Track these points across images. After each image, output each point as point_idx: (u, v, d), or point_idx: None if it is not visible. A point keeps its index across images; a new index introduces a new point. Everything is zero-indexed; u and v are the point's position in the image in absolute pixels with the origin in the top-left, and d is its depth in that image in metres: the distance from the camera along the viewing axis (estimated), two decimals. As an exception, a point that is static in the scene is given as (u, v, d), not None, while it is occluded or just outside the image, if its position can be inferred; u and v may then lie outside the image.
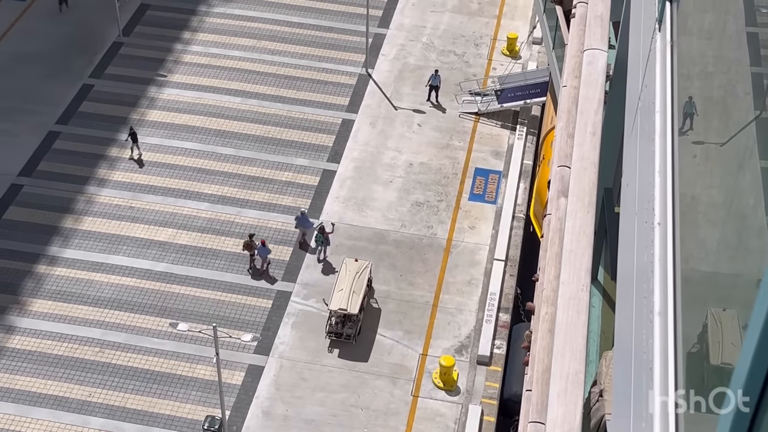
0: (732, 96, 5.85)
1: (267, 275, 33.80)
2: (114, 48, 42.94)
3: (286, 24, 44.90)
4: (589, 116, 13.31)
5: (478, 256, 34.99)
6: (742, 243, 4.90)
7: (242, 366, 31.18)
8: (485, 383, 31.13)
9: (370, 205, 36.60)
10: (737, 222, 5.08)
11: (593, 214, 11.79)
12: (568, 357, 10.11)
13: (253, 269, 33.89)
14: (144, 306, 32.77)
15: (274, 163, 38.22)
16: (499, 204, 36.92)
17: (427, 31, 44.85)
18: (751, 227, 4.76)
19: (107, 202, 36.25)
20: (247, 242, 33.53)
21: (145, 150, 38.28)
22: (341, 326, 31.71)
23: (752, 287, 4.46)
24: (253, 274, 33.82)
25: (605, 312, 15.21)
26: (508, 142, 39.72)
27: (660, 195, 5.87)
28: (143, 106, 40.27)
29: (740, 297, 4.71)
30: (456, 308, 33.20)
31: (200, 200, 36.50)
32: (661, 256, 5.30)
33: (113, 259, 34.21)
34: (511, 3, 46.75)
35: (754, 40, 5.48)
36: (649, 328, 5.06)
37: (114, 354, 31.33)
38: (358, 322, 31.87)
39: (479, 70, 42.85)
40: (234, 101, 40.82)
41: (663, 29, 7.28)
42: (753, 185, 4.84)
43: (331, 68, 42.75)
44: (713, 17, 6.85)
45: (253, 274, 33.82)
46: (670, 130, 6.19)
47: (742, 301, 4.63)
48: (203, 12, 45.19)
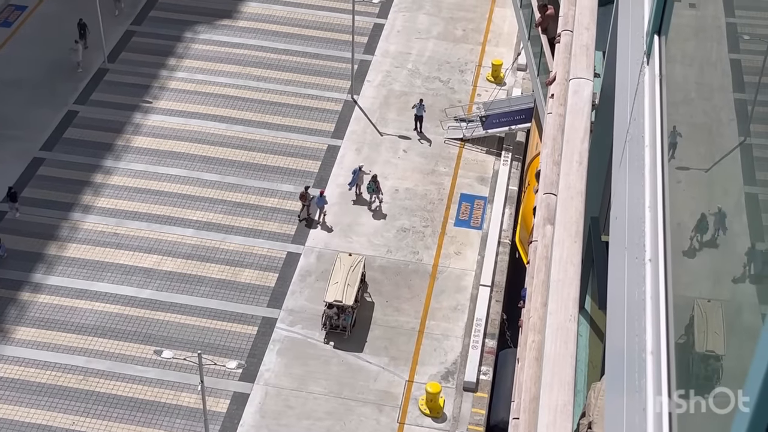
0: (716, 122, 5.87)
1: (324, 225, 36.11)
2: (99, 74, 42.89)
3: (271, 50, 44.98)
4: (576, 145, 13.34)
5: (464, 282, 34.96)
6: (731, 270, 4.89)
7: (227, 393, 30.98)
8: (472, 410, 31.02)
9: (355, 231, 36.56)
10: (725, 249, 5.07)
11: (580, 244, 11.79)
12: (556, 389, 10.07)
13: (307, 219, 36.13)
14: (128, 333, 32.55)
15: (260, 189, 38.17)
16: (485, 230, 36.95)
17: (412, 58, 45.02)
18: (739, 253, 4.76)
19: (92, 229, 36.07)
20: (303, 193, 36.03)
21: (130, 176, 38.17)
22: (336, 318, 32.29)
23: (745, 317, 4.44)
24: (307, 224, 36.09)
25: (593, 341, 15.19)
26: (493, 167, 39.81)
27: (650, 231, 5.86)
28: (128, 133, 40.19)
29: (736, 328, 4.68)
30: (442, 334, 33.13)
31: (185, 226, 36.38)
32: (653, 294, 5.29)
33: (97, 286, 34.01)
34: (496, 30, 47.02)
35: (737, 66, 5.52)
36: (642, 366, 5.04)
37: (98, 382, 31.08)
38: (353, 314, 32.37)
39: (464, 96, 43.01)
40: (219, 127, 40.79)
41: (651, 62, 7.31)
42: (738, 211, 4.85)
43: (317, 94, 42.81)
44: (696, 44, 6.89)
45: (307, 224, 36.09)
46: (660, 164, 6.19)
47: (738, 331, 4.61)
48: (189, 38, 45.23)
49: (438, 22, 47.17)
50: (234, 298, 33.96)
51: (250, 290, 34.24)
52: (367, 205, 37.36)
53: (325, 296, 32.26)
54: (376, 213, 37.24)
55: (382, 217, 37.15)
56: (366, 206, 37.53)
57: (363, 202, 37.72)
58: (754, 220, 4.63)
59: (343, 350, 32.33)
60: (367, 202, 37.44)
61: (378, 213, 37.25)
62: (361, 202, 37.72)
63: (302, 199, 36.12)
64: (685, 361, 4.92)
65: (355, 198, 37.53)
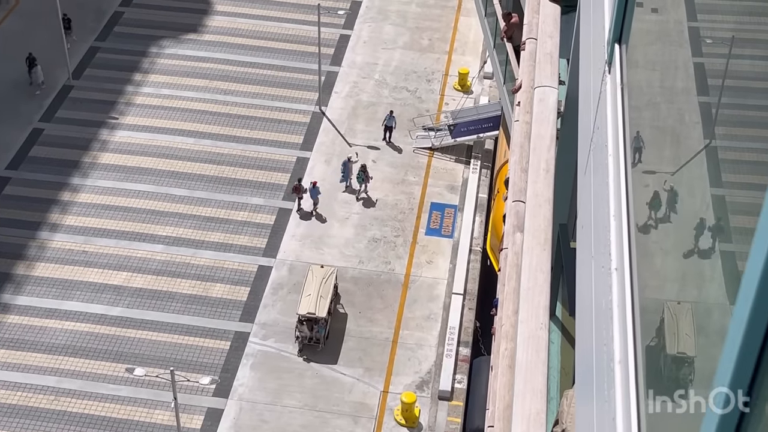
0: (681, 126, 5.91)
1: (317, 216, 37.03)
2: (64, 91, 42.57)
3: (238, 64, 44.87)
4: (542, 153, 13.40)
5: (437, 291, 34.99)
6: (699, 272, 4.92)
7: (201, 410, 30.77)
8: (447, 418, 31.02)
9: (327, 243, 36.50)
10: (692, 250, 5.10)
11: (549, 252, 11.83)
12: (529, 397, 10.08)
13: (301, 211, 37.09)
14: (99, 351, 32.27)
15: (229, 203, 38.02)
16: (456, 238, 37.01)
17: (379, 68, 45.08)
18: (706, 255, 4.78)
19: (60, 247, 35.75)
20: (296, 185, 36.88)
21: (97, 193, 37.88)
22: (309, 330, 32.12)
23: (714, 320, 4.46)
24: (302, 216, 36.98)
25: (564, 348, 15.24)
26: (462, 176, 39.91)
27: (616, 240, 5.88)
28: (95, 149, 39.90)
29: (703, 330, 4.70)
30: (416, 344, 33.12)
31: (155, 242, 36.14)
32: (619, 302, 5.31)
33: (67, 304, 33.69)
34: (462, 39, 47.20)
35: (700, 70, 5.57)
36: (611, 376, 5.06)
37: (69, 402, 30.77)
38: (326, 326, 32.24)
39: (432, 105, 43.12)
40: (187, 142, 40.61)
41: (613, 71, 7.35)
42: (705, 212, 4.88)
43: (285, 107, 42.75)
44: (660, 49, 6.94)
45: (302, 216, 36.98)
46: (624, 173, 6.22)
47: (705, 333, 4.62)
48: (154, 53, 45.02)
49: (404, 32, 47.28)
50: (206, 313, 33.77)
51: (222, 305, 34.07)
52: (356, 194, 38.16)
53: (298, 309, 32.16)
54: (347, 221, 37.20)
55: (353, 227, 37.13)
56: (336, 220, 37.50)
57: (333, 216, 37.67)
58: (720, 221, 4.67)
59: (317, 363, 32.24)
60: (356, 192, 38.22)
61: (348, 222, 37.22)
62: (330, 215, 37.68)
63: (296, 192, 37.03)
64: (655, 366, 4.94)
65: (345, 190, 38.37)
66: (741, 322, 3.26)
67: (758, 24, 4.63)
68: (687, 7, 6.26)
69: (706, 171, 4.98)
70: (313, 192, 36.84)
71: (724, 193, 4.69)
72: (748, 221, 3.90)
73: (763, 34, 4.53)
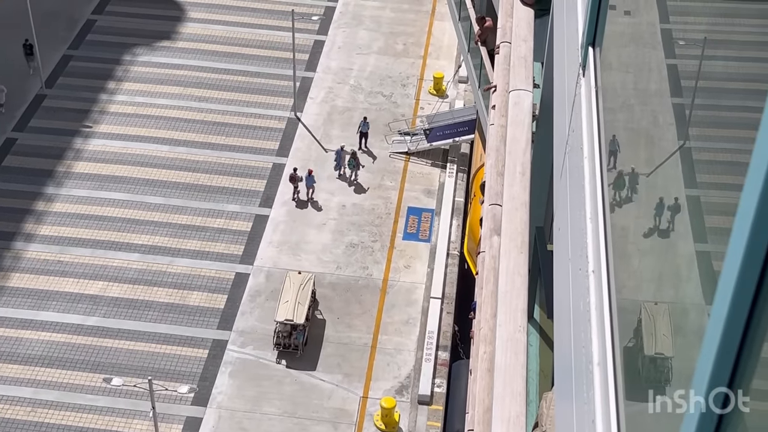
0: (656, 127, 5.94)
1: (313, 203, 37.80)
2: (37, 100, 42.27)
3: (212, 70, 44.72)
4: (518, 156, 13.44)
5: (415, 295, 34.99)
6: (676, 273, 4.93)
7: (180, 419, 30.60)
8: (427, 423, 31.01)
9: (304, 249, 36.42)
10: (669, 251, 5.12)
11: (527, 255, 11.85)
12: (508, 400, 10.09)
13: (297, 200, 37.70)
14: (76, 362, 32.02)
15: (206, 210, 37.87)
16: (433, 242, 37.04)
17: (354, 73, 45.07)
18: (682, 256, 4.80)
19: (35, 257, 35.46)
20: (292, 175, 37.57)
21: (72, 202, 37.62)
22: (288, 337, 31.99)
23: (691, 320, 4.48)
24: (298, 204, 37.66)
25: (543, 350, 15.28)
26: (439, 180, 39.96)
27: (593, 242, 5.90)
28: (69, 158, 39.63)
29: (680, 331, 4.71)
30: (395, 348, 33.10)
31: (131, 251, 35.92)
32: (597, 305, 5.32)
33: (43, 315, 33.42)
34: (436, 43, 47.28)
35: (673, 71, 5.61)
36: (590, 378, 5.06)
37: (46, 413, 30.50)
38: (305, 332, 32.12)
39: (407, 110, 43.15)
40: (162, 149, 40.41)
41: (587, 74, 7.38)
42: (680, 213, 4.91)
43: (260, 113, 42.64)
44: (633, 51, 6.98)
45: (298, 204, 37.66)
46: (600, 175, 6.24)
47: (683, 333, 4.64)
48: (127, 61, 44.80)
49: (378, 37, 47.31)
50: (183, 321, 33.60)
51: (200, 313, 33.91)
52: (347, 182, 38.90)
53: (276, 315, 32.07)
54: (324, 227, 37.15)
55: (330, 233, 37.07)
56: (313, 226, 37.45)
57: (310, 222, 37.60)
58: (695, 221, 4.69)
59: (296, 369, 32.15)
60: (347, 179, 39.02)
61: (326, 228, 37.17)
62: (307, 221, 37.61)
63: (292, 181, 37.71)
64: (633, 367, 4.96)
65: (338, 177, 39.21)
66: (718, 322, 3.27)
67: (730, 25, 4.66)
68: (659, 9, 6.29)
69: (681, 172, 5.00)
70: (309, 180, 37.80)
71: (699, 194, 4.72)
72: (724, 221, 3.92)
73: (734, 35, 4.56)
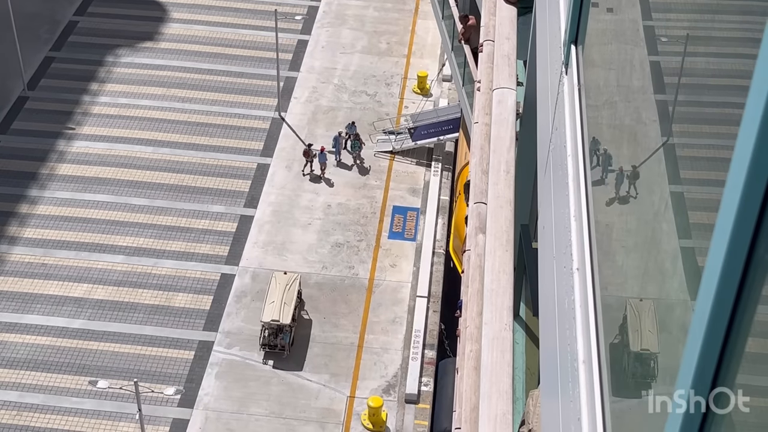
0: (639, 124, 5.95)
1: (325, 180, 38.57)
2: (19, 102, 42.04)
3: (195, 71, 44.59)
4: (502, 155, 13.45)
5: (401, 294, 34.99)
6: (660, 269, 4.94)
7: (166, 421, 30.50)
8: (414, 421, 31.02)
9: (289, 249, 36.36)
10: (653, 247, 5.12)
11: (512, 253, 11.87)
12: (495, 398, 10.10)
13: (311, 174, 38.56)
14: (61, 365, 31.88)
15: (190, 211, 37.75)
16: (419, 241, 37.05)
17: (338, 73, 45.02)
18: (667, 252, 4.81)
19: (18, 261, 35.28)
20: (306, 150, 38.31)
21: (56, 205, 37.45)
22: (274, 338, 31.94)
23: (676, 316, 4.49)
24: (311, 179, 38.54)
25: (529, 348, 15.30)
26: (424, 178, 39.97)
27: (577, 239, 5.90)
28: (52, 161, 39.44)
29: (665, 327, 4.72)
30: (381, 348, 33.09)
31: (115, 253, 35.79)
32: (582, 302, 5.32)
33: (27, 318, 33.26)
34: (420, 42, 47.28)
35: (656, 68, 5.61)
36: (575, 376, 5.06)
37: (32, 416, 30.36)
38: (291, 332, 32.08)
39: (392, 109, 43.13)
40: (146, 151, 40.27)
41: (570, 72, 7.38)
42: (665, 209, 4.91)
43: (244, 113, 42.54)
44: (616, 48, 6.99)
45: (311, 179, 38.54)
46: (583, 174, 6.24)
47: (668, 329, 4.64)
48: (110, 62, 44.61)
49: (362, 36, 47.28)
50: (169, 323, 33.49)
51: (185, 314, 33.81)
52: (347, 168, 39.39)
53: (262, 316, 32.02)
54: (309, 227, 37.10)
55: (315, 233, 37.03)
56: (298, 226, 37.39)
57: (295, 222, 37.54)
58: (679, 217, 4.70)
59: (283, 370, 32.10)
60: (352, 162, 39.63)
61: (311, 228, 37.12)
62: (293, 221, 37.55)
63: (306, 156, 38.46)
64: (619, 364, 4.96)
65: (336, 164, 39.56)
66: (703, 318, 3.27)
67: (712, 21, 4.67)
68: (642, 6, 6.30)
69: (665, 168, 5.01)
70: (321, 157, 38.32)
71: (683, 190, 4.72)
72: (708, 217, 3.92)
73: (717, 32, 4.56)
